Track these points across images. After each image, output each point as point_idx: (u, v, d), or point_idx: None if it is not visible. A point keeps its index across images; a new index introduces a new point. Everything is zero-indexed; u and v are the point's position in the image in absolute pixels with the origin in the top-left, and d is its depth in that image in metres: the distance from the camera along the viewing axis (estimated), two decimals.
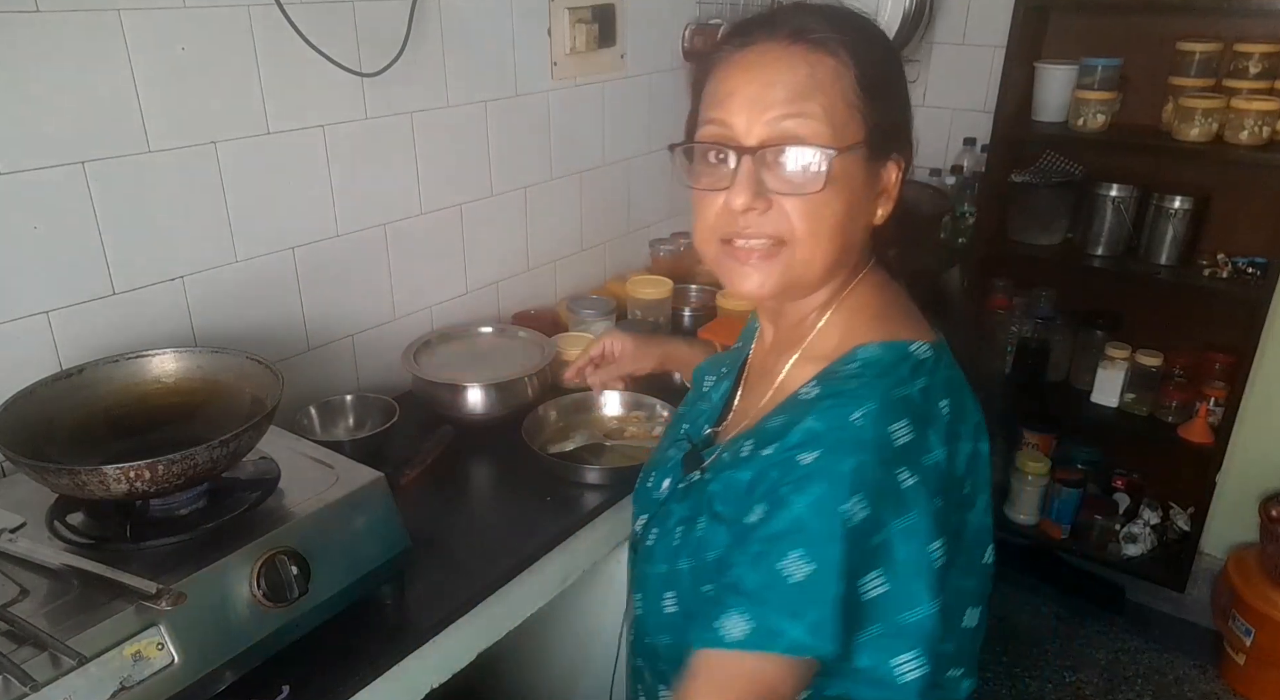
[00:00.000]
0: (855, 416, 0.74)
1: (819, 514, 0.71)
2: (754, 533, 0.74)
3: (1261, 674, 2.37)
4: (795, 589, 0.70)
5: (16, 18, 1.08)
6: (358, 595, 1.05)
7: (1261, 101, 2.14)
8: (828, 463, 0.73)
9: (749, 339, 1.03)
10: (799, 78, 0.76)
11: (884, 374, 0.79)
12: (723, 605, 0.73)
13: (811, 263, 0.80)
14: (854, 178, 0.78)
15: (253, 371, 1.10)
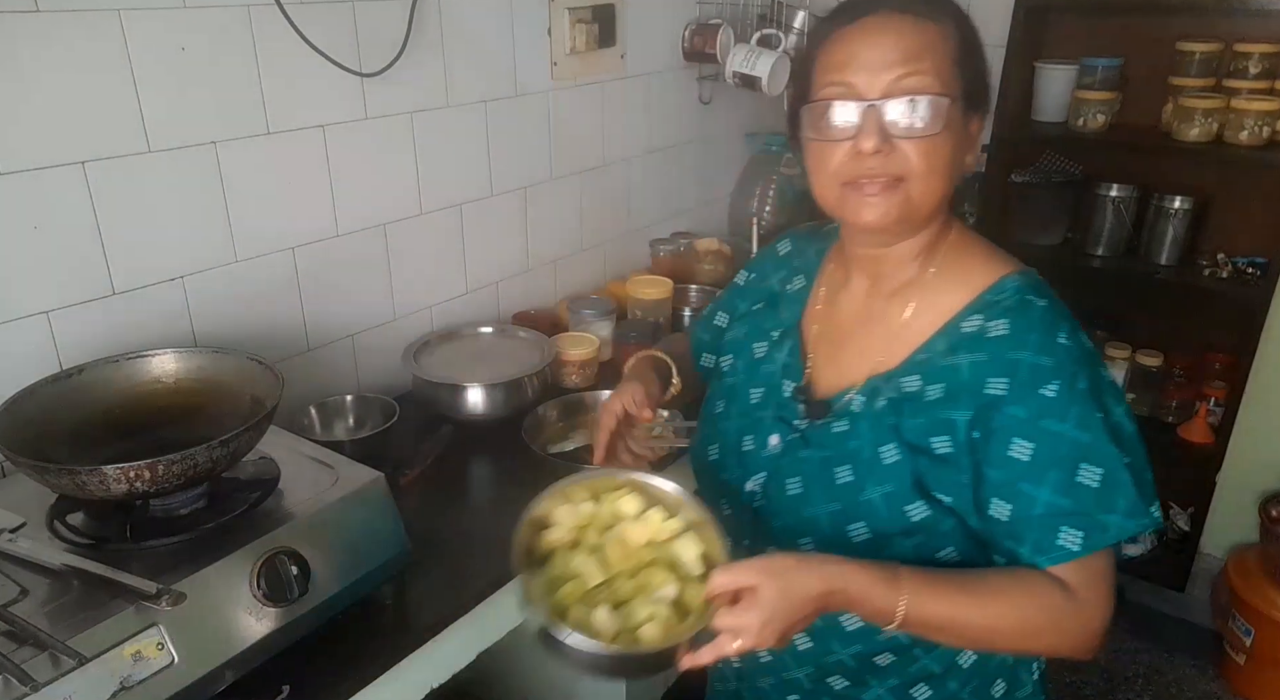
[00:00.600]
0: (1061, 340, 0.89)
1: (1085, 429, 0.86)
2: (1034, 461, 0.87)
3: (1261, 674, 2.37)
4: (1097, 492, 0.86)
5: (16, 18, 1.08)
6: (358, 595, 1.05)
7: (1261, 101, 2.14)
8: (1066, 388, 0.87)
9: (786, 299, 1.12)
10: (911, 42, 0.89)
11: (1041, 294, 0.94)
12: (1048, 530, 0.87)
13: (926, 196, 0.92)
14: (957, 125, 0.91)
15: (253, 371, 1.10)
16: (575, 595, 0.89)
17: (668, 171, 2.23)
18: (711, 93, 2.26)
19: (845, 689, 1.03)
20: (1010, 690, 1.05)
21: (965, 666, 1.02)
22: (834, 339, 1.05)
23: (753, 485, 1.04)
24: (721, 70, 2.10)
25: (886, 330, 1.00)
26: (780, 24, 2.12)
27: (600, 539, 0.94)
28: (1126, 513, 0.86)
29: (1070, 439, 0.87)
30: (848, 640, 1.00)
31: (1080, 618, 0.88)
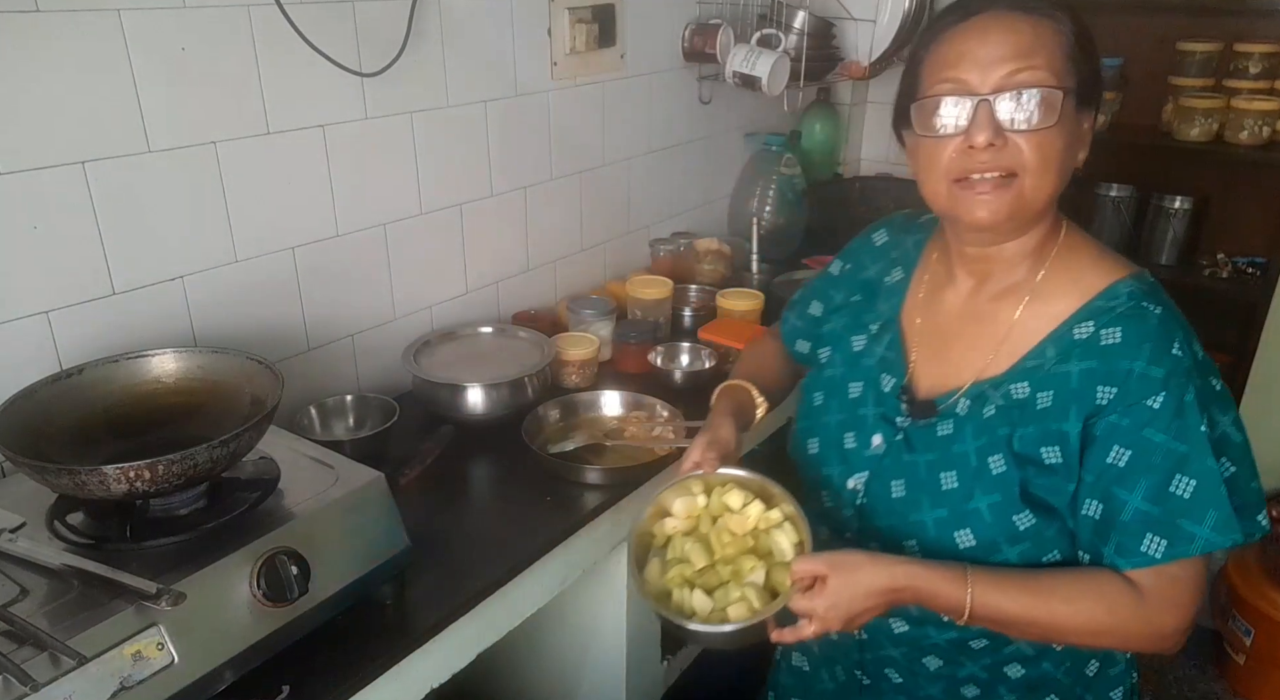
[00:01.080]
0: (1174, 350, 0.90)
1: (1184, 441, 0.88)
2: (1130, 468, 0.89)
3: (1261, 674, 2.37)
4: (1188, 503, 0.88)
5: (16, 18, 1.08)
6: (358, 595, 1.05)
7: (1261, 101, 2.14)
8: (1174, 400, 0.88)
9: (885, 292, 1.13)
10: (1024, 38, 0.89)
11: (1156, 301, 0.94)
12: (1133, 534, 0.89)
13: (1039, 191, 0.92)
14: (1070, 119, 0.90)
15: (253, 371, 1.10)
16: (680, 578, 0.99)
17: (668, 171, 2.23)
18: (711, 93, 2.26)
19: (940, 668, 1.08)
20: (1104, 668, 1.08)
21: (1058, 648, 1.05)
22: (937, 337, 1.06)
23: (855, 483, 1.06)
24: (721, 70, 2.10)
25: (993, 332, 1.00)
26: (780, 24, 2.12)
27: (709, 528, 1.03)
28: (1215, 527, 0.88)
29: (1167, 449, 0.88)
30: (943, 627, 1.04)
31: (1147, 621, 0.90)
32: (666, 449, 1.47)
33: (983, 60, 0.89)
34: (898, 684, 1.13)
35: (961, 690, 1.09)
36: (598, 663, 1.63)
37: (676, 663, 1.76)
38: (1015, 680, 1.07)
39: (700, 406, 1.58)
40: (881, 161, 2.86)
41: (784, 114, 2.46)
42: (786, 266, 2.22)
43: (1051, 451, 0.93)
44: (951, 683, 1.09)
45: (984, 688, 1.08)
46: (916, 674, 1.10)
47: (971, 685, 1.09)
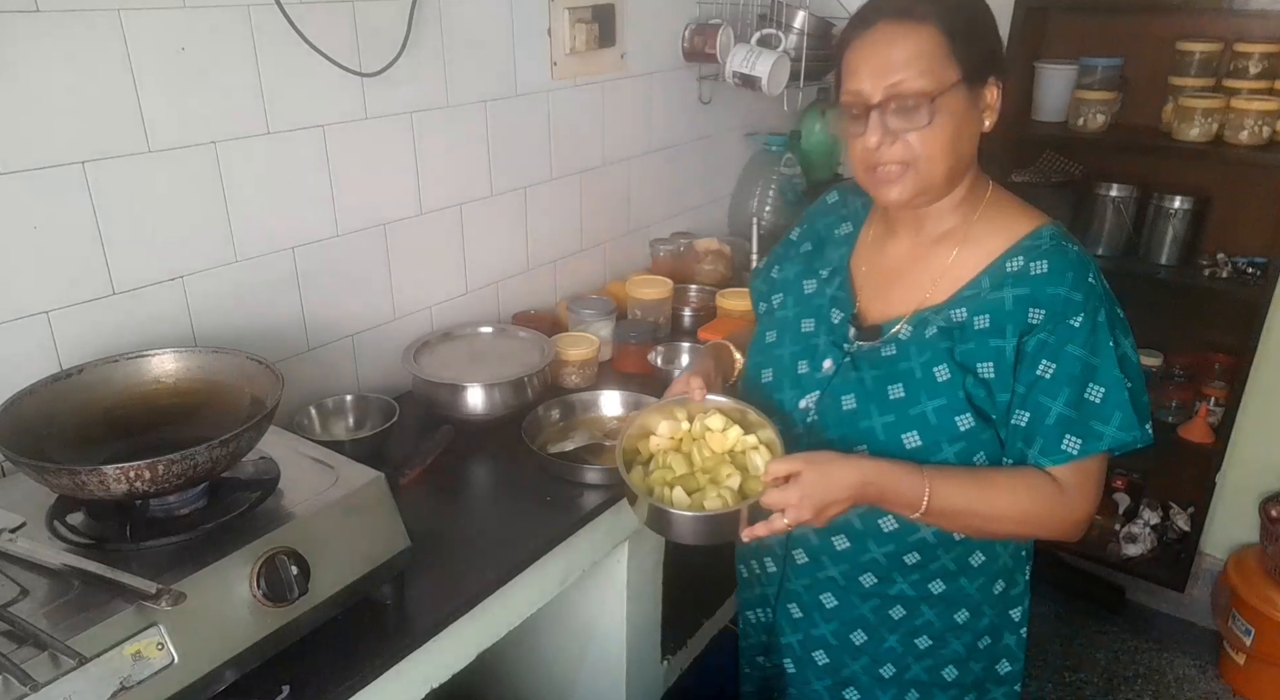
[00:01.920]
0: (1089, 278, 1.05)
1: (1096, 354, 1.04)
2: (1054, 379, 1.04)
3: (1261, 674, 2.37)
4: (1098, 407, 1.04)
5: (16, 18, 1.08)
6: (358, 595, 1.05)
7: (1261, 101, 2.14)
8: (1090, 320, 1.04)
9: (834, 242, 1.27)
10: (905, 48, 1.03)
11: (1071, 242, 1.09)
12: (1054, 436, 1.05)
13: (933, 174, 1.08)
14: (956, 107, 1.04)
15: (253, 371, 1.10)
16: (662, 481, 1.11)
17: (668, 171, 2.23)
18: (711, 93, 2.26)
19: (874, 585, 1.20)
20: (1007, 588, 1.22)
21: (975, 566, 1.18)
22: (881, 279, 1.20)
23: (806, 403, 1.17)
24: (721, 70, 2.10)
25: (931, 271, 1.14)
26: (780, 24, 2.12)
27: (690, 446, 1.16)
28: (1120, 426, 1.04)
29: (1084, 362, 1.03)
30: (883, 540, 1.16)
31: (1067, 509, 1.07)
32: None
33: (873, 72, 1.04)
34: (831, 608, 1.24)
35: (889, 612, 1.21)
36: (597, 663, 1.63)
37: (676, 662, 1.76)
38: (936, 596, 1.19)
39: None
40: None
41: (784, 114, 2.46)
42: None
43: (986, 366, 1.07)
44: (883, 601, 1.21)
45: (909, 607, 1.20)
46: (850, 592, 1.21)
47: (899, 606, 1.21)
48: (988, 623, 1.22)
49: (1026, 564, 1.25)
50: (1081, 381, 1.04)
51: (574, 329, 1.77)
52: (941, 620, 1.21)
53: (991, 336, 1.07)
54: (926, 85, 1.02)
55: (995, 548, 1.18)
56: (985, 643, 1.24)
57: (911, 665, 1.24)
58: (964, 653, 1.23)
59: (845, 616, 1.23)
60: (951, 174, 1.09)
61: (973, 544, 1.17)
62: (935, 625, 1.21)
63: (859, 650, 1.24)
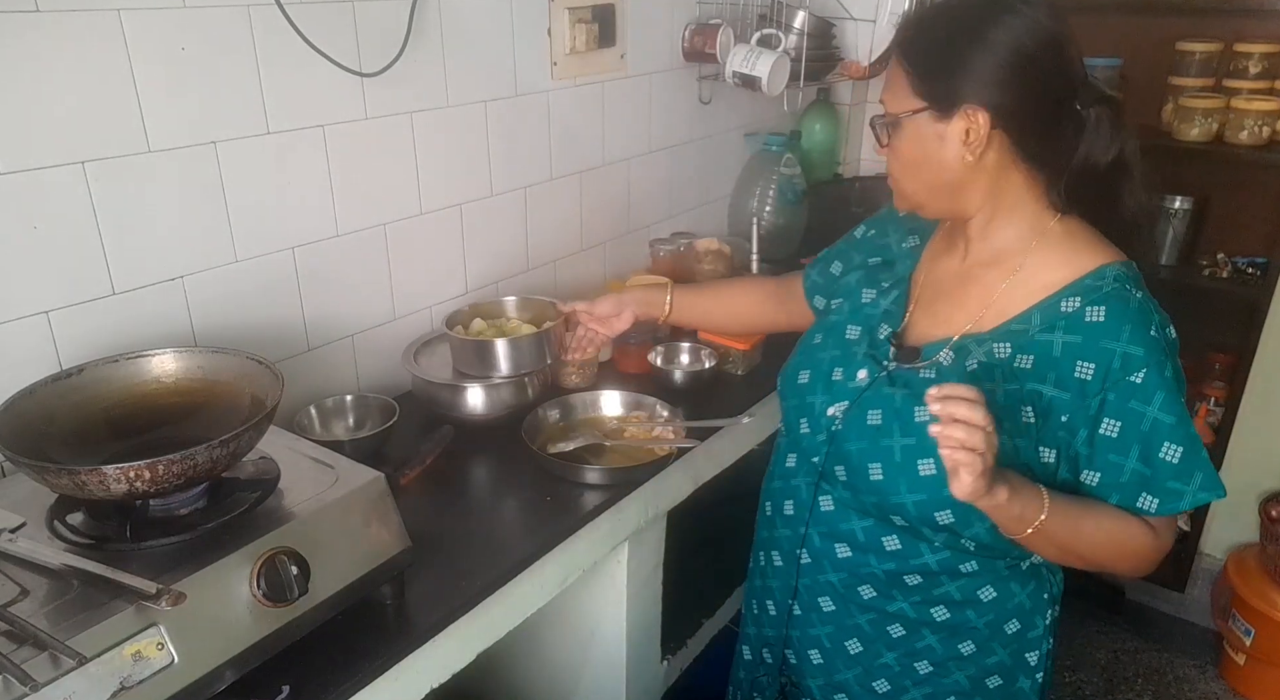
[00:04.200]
0: (1151, 332, 1.02)
1: (1168, 412, 1.01)
2: (1121, 437, 1.01)
3: (1261, 674, 2.37)
4: (1176, 467, 1.01)
5: (16, 18, 1.08)
6: (358, 595, 1.05)
7: (1261, 101, 2.14)
8: (1155, 375, 1.01)
9: (899, 255, 1.28)
10: (889, 77, 1.11)
11: (1138, 286, 1.05)
12: (1130, 493, 1.03)
13: (905, 189, 1.14)
14: (919, 133, 1.07)
15: (253, 371, 1.10)
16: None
17: (668, 171, 2.23)
18: (711, 93, 2.26)
19: (872, 599, 1.19)
20: (1024, 630, 1.19)
21: (984, 601, 1.16)
22: (933, 294, 1.19)
23: (835, 410, 1.16)
24: (721, 70, 2.10)
25: (981, 295, 1.12)
26: (780, 24, 2.12)
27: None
28: (1202, 486, 1.02)
29: (1153, 419, 1.01)
30: (884, 558, 1.16)
31: (1155, 549, 1.05)
32: (666, 449, 1.47)
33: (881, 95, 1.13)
34: (829, 612, 1.24)
35: (888, 628, 1.20)
36: (598, 663, 1.63)
37: (676, 662, 1.76)
38: (939, 622, 1.17)
39: (700, 407, 1.59)
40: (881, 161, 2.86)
41: (784, 114, 2.46)
42: (786, 266, 2.22)
43: (1027, 411, 1.04)
44: (880, 616, 1.20)
45: (909, 628, 1.19)
46: (849, 602, 1.21)
47: (898, 624, 1.19)
48: (998, 662, 1.19)
49: (1048, 608, 1.21)
50: (1150, 438, 1.01)
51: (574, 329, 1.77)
52: (944, 647, 1.19)
53: (1033, 380, 1.04)
54: (894, 109, 1.09)
55: (1010, 585, 1.16)
56: (995, 683, 1.20)
57: (909, 688, 1.22)
58: (967, 686, 1.20)
59: (841, 622, 1.23)
60: (931, 196, 1.12)
61: (981, 578, 1.15)
62: (936, 651, 1.19)
63: (853, 659, 1.24)
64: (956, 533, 1.10)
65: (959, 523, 1.08)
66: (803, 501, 1.24)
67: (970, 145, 1.05)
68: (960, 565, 1.14)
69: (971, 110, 1.03)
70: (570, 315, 1.56)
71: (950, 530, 1.10)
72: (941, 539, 1.13)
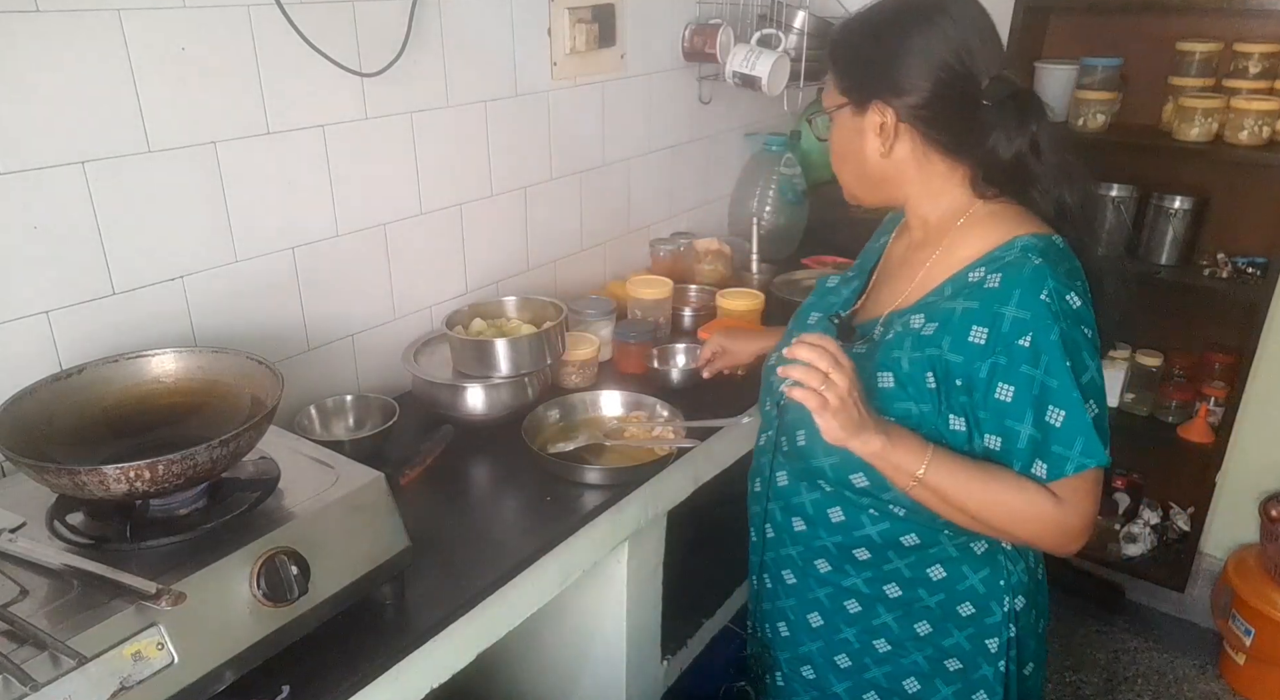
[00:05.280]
0: (1042, 296, 1.02)
1: (1053, 375, 1.01)
2: (1015, 402, 1.03)
3: (1261, 674, 2.37)
4: (1059, 431, 1.02)
5: (16, 18, 1.08)
6: (358, 595, 1.05)
7: (1261, 101, 2.14)
8: (1041, 339, 1.01)
9: (871, 252, 1.35)
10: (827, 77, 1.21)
11: (1043, 254, 1.05)
12: (1026, 459, 1.04)
13: (842, 182, 1.24)
14: (842, 127, 1.19)
15: (253, 371, 1.10)
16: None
17: (668, 171, 2.23)
18: (711, 93, 2.26)
19: (827, 573, 1.24)
20: (979, 614, 1.19)
21: (934, 579, 1.18)
22: (883, 278, 1.27)
23: (786, 386, 1.17)
24: (721, 70, 2.10)
25: (911, 274, 1.18)
26: (780, 24, 2.12)
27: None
28: (1083, 451, 1.02)
29: (1041, 383, 1.02)
30: (831, 530, 1.20)
31: (1060, 518, 1.05)
32: (666, 449, 1.47)
33: None
34: (791, 585, 1.29)
35: (845, 603, 1.24)
36: (598, 663, 1.63)
37: (676, 662, 1.76)
38: (892, 599, 1.20)
39: (701, 407, 1.59)
40: None
41: (784, 114, 2.46)
42: (786, 266, 2.22)
43: (929, 377, 1.07)
44: (837, 591, 1.24)
45: (865, 604, 1.22)
46: (808, 575, 1.26)
47: (854, 600, 1.23)
48: (954, 644, 1.20)
49: (1006, 595, 1.18)
50: (1041, 403, 1.03)
51: (574, 329, 1.77)
52: (900, 627, 1.21)
53: (932, 345, 1.07)
54: (825, 103, 1.21)
55: (961, 568, 1.17)
56: (955, 666, 1.21)
57: (870, 666, 1.25)
58: (926, 667, 1.22)
59: (803, 596, 1.28)
60: (860, 185, 1.21)
61: (928, 555, 1.16)
62: (893, 630, 1.21)
63: (815, 632, 1.28)
64: (875, 495, 1.14)
65: (874, 485, 1.12)
66: (765, 477, 1.30)
67: (883, 137, 1.13)
68: (901, 538, 1.16)
69: (881, 106, 1.12)
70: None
71: (870, 494, 1.14)
72: (870, 504, 1.16)
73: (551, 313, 1.60)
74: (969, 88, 1.09)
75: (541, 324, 1.57)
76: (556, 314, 1.59)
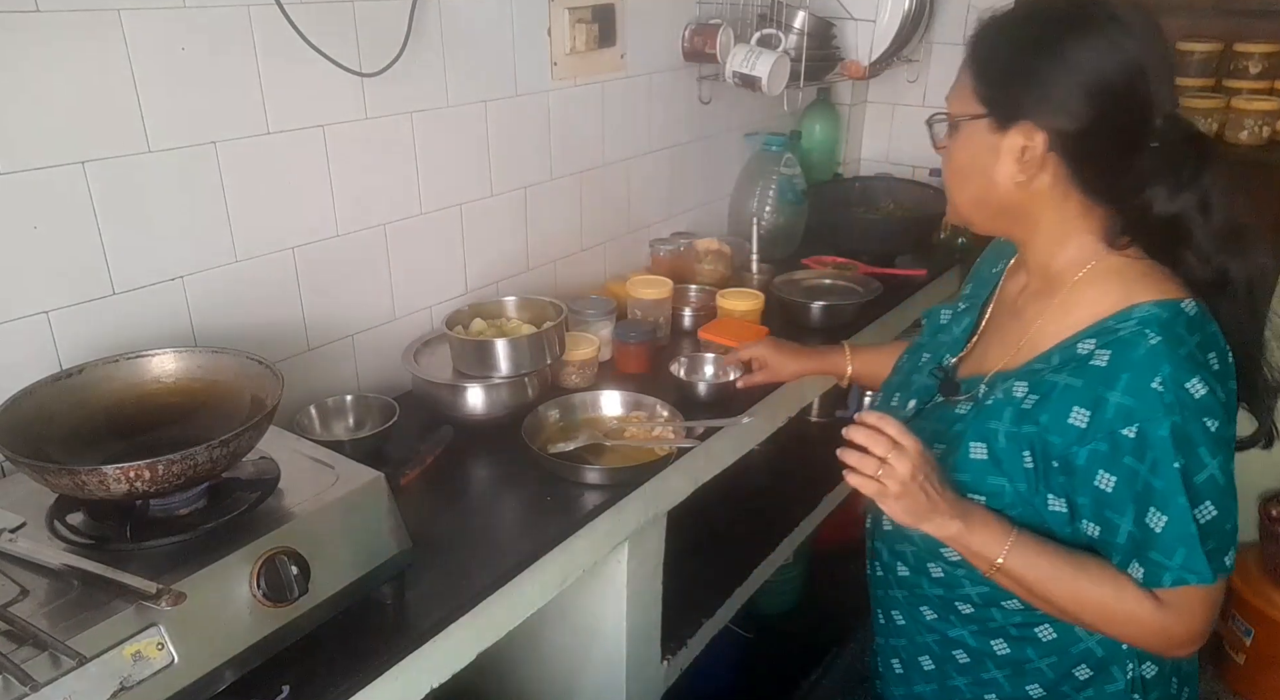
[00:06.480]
0: (1154, 383, 0.90)
1: (1158, 475, 0.90)
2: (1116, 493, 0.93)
3: (1261, 674, 2.37)
4: (1159, 538, 0.92)
5: (16, 18, 1.08)
6: (358, 595, 1.05)
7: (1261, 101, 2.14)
8: (1149, 432, 0.90)
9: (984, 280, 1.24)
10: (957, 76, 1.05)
11: (1164, 330, 0.92)
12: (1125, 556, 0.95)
13: (954, 202, 1.09)
14: (973, 141, 1.02)
15: (253, 371, 1.10)
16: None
17: (668, 171, 2.23)
18: (711, 93, 2.26)
19: (933, 621, 1.17)
20: (1096, 679, 1.08)
21: (1043, 640, 1.08)
22: (995, 323, 1.17)
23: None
24: (721, 70, 2.10)
25: (1024, 328, 1.07)
26: (780, 24, 2.12)
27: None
28: (1183, 565, 0.91)
29: (1145, 480, 0.91)
30: (933, 583, 1.13)
31: (1162, 624, 0.95)
32: (666, 449, 1.47)
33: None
34: (900, 626, 1.23)
35: (953, 652, 1.16)
36: (598, 663, 1.63)
37: (676, 662, 1.76)
38: (1001, 657, 1.12)
39: (701, 407, 1.59)
40: (881, 161, 2.86)
41: (784, 114, 2.46)
42: (786, 266, 2.22)
43: (1026, 456, 0.98)
44: (943, 640, 1.16)
45: (973, 657, 1.14)
46: (915, 620, 1.20)
47: (961, 651, 1.15)
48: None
49: (1129, 660, 1.07)
50: (1144, 502, 0.92)
51: (574, 329, 1.77)
52: (1012, 686, 1.12)
53: (1030, 423, 0.97)
54: (953, 109, 1.05)
55: (1074, 630, 1.07)
56: None
57: None
58: None
59: (913, 638, 1.22)
60: (976, 210, 1.07)
61: (1035, 615, 1.07)
62: (1005, 688, 1.13)
63: (927, 675, 1.21)
64: (969, 566, 1.05)
65: (964, 559, 1.03)
66: (875, 517, 1.26)
67: (1024, 165, 0.98)
68: (1003, 601, 1.07)
69: (1030, 128, 0.96)
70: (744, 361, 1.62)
71: (964, 564, 1.06)
72: (966, 572, 1.09)
73: (551, 313, 1.60)
74: (1137, 121, 0.94)
75: (541, 324, 1.57)
76: (556, 314, 1.58)
